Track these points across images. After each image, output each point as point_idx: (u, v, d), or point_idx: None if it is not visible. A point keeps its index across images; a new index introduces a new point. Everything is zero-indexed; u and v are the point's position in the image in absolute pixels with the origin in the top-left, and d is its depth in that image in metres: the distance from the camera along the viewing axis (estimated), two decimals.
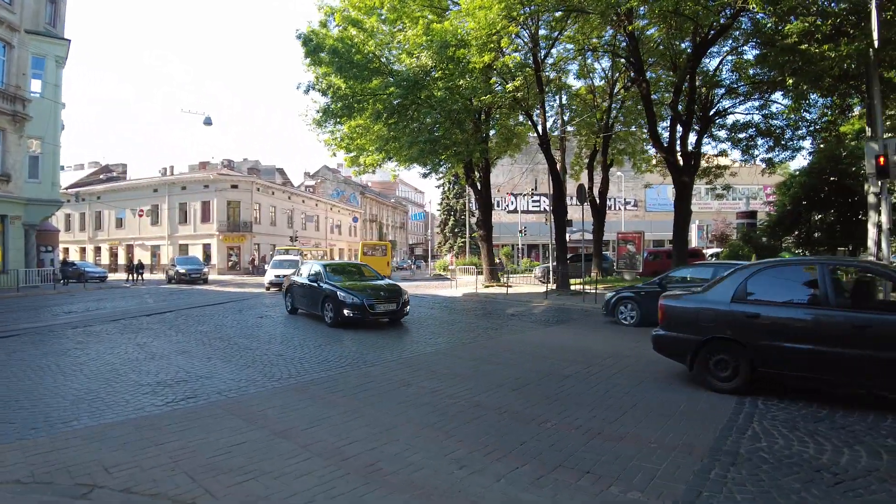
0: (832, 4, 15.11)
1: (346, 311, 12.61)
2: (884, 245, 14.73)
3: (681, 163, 19.83)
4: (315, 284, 13.83)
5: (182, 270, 33.40)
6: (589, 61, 24.54)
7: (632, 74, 19.07)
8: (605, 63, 24.61)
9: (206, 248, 51.01)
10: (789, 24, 14.54)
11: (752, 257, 24.11)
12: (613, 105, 24.37)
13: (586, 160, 28.90)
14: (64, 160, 41.02)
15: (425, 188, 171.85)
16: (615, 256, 36.99)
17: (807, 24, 14.09)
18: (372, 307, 12.75)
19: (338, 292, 12.94)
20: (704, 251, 36.82)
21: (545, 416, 5.78)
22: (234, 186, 52.08)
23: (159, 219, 53.62)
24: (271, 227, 55.50)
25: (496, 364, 8.73)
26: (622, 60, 22.48)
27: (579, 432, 5.26)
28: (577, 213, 29.94)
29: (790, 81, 15.67)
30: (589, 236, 29.11)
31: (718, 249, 41.26)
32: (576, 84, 27.62)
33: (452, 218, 64.69)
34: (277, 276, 25.29)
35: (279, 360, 8.89)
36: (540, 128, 21.95)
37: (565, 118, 25.76)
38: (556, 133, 25.42)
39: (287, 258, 30.33)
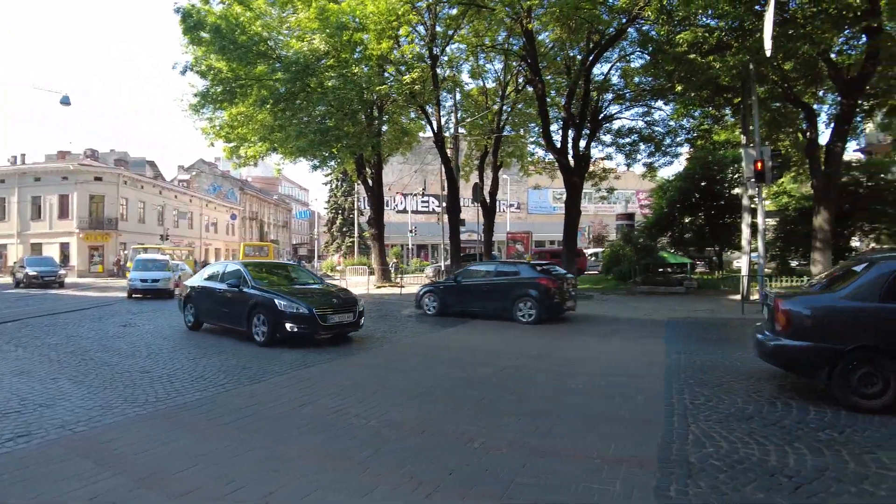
0: (714, 21, 15.86)
1: (288, 325, 9.75)
2: (759, 245, 15.64)
3: (572, 164, 20.10)
4: (235, 290, 10.74)
5: (32, 272, 28.89)
6: (481, 62, 24.44)
7: (527, 75, 19.06)
8: (498, 65, 24.66)
9: (65, 247, 45.43)
10: (679, 34, 15.08)
11: (631, 256, 25.18)
12: (505, 107, 24.43)
13: (476, 161, 28.88)
14: None
15: (311, 185, 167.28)
16: (503, 256, 37.58)
17: (696, 35, 14.65)
18: (324, 318, 9.95)
19: (276, 300, 9.94)
20: (584, 251, 38.37)
21: (470, 432, 5.07)
22: (98, 179, 46.86)
23: (6, 214, 47.11)
24: (140, 224, 50.64)
25: (403, 372, 7.98)
26: (514, 63, 22.56)
27: (512, 450, 4.60)
28: (467, 213, 29.93)
29: (679, 88, 16.27)
30: (476, 236, 29.09)
31: (598, 249, 43.23)
32: (469, 84, 27.53)
33: (341, 216, 62.82)
34: (145, 282, 21.45)
35: (144, 378, 7.36)
36: (435, 124, 21.45)
37: (458, 117, 25.49)
38: (448, 133, 25.09)
39: (154, 258, 26.44)
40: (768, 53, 11.63)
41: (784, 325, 5.95)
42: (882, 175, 21.73)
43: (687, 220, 28.04)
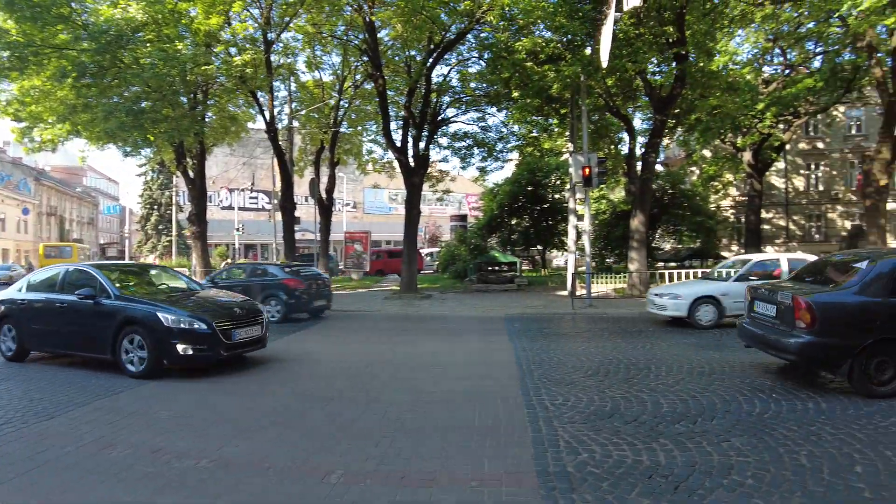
0: (550, 33, 16.71)
1: (181, 347, 7.39)
2: (586, 245, 16.74)
3: (412, 164, 20.01)
4: (88, 303, 7.90)
5: None
6: (319, 54, 23.42)
7: (368, 70, 18.56)
8: (336, 58, 23.78)
9: None
10: (519, 42, 15.65)
11: (465, 256, 25.91)
12: (342, 102, 23.69)
13: (312, 157, 27.71)
14: None
15: (122, 177, 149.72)
16: (339, 257, 36.65)
17: (535, 44, 15.32)
18: (227, 335, 7.75)
19: (159, 313, 7.53)
20: (420, 251, 38.88)
21: (324, 463, 4.37)
22: None
23: None
24: None
25: (231, 394, 6.81)
26: (353, 60, 21.92)
27: (379, 480, 4.02)
28: (302, 211, 28.61)
29: (516, 94, 16.87)
30: (310, 235, 27.93)
31: (433, 249, 44.09)
32: (305, 75, 26.24)
33: (156, 213, 56.84)
34: None
35: None
36: (267, 114, 20.04)
37: (293, 108, 24.18)
38: (281, 125, 23.72)
39: None
40: (605, 65, 12.47)
41: (809, 323, 6.01)
42: (680, 185, 24.76)
43: (514, 222, 29.64)
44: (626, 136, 28.54)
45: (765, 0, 18.51)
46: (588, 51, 15.69)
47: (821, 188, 37.35)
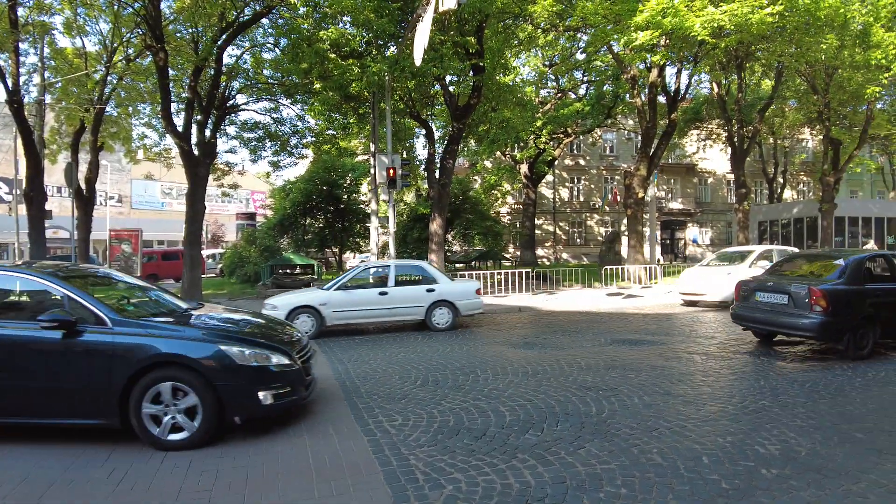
0: (353, 29, 16.14)
1: (263, 395, 5.02)
2: (391, 247, 16.50)
3: (196, 153, 17.87)
4: (56, 338, 4.78)
5: None
6: (83, 17, 19.75)
7: (147, 41, 15.98)
8: (105, 25, 20.24)
9: None
10: (324, 30, 14.81)
11: (256, 258, 24.14)
12: (111, 77, 20.31)
13: (68, 139, 23.34)
14: None
15: None
16: (102, 258, 31.71)
17: (340, 35, 14.62)
18: (308, 369, 5.70)
19: (220, 346, 5.00)
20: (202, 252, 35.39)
21: None
22: None
23: None
24: None
25: None
26: (125, 31, 18.93)
27: None
28: (54, 205, 24.07)
29: (318, 86, 15.97)
30: (65, 234, 23.63)
31: (216, 251, 40.48)
32: (65, 40, 21.98)
33: None
34: None
35: None
36: (10, 81, 16.24)
37: (46, 78, 20.06)
38: (28, 97, 19.55)
39: None
40: (418, 63, 12.28)
41: (825, 307, 7.69)
42: (468, 191, 26.04)
43: (308, 222, 28.50)
44: (416, 141, 29.40)
45: (551, 26, 20.17)
46: (393, 50, 15.50)
47: (582, 199, 42.48)
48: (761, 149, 35.04)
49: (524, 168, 31.88)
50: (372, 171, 17.46)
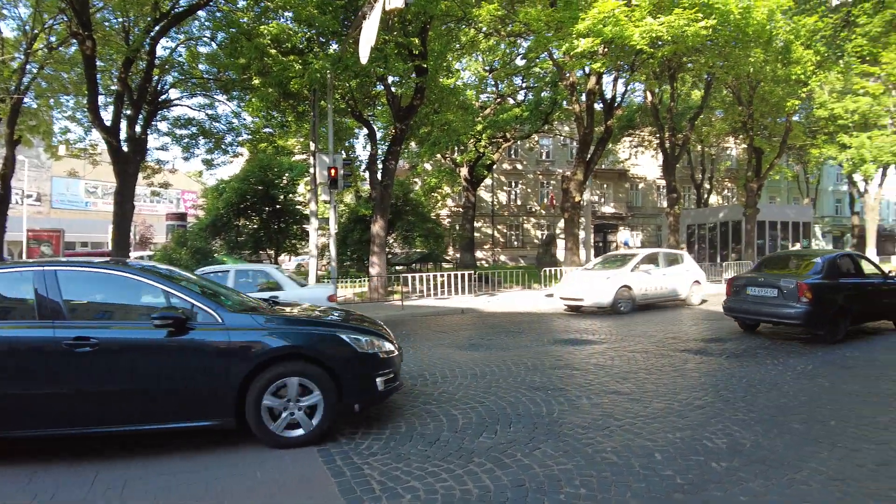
0: (294, 24, 15.74)
1: (379, 381, 5.06)
2: (332, 249, 16.17)
3: (125, 149, 16.99)
4: (161, 336, 4.50)
5: None
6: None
7: (72, 28, 15.00)
8: (24, 10, 18.91)
9: None
10: (265, 24, 14.38)
11: (187, 261, 23.18)
12: (30, 66, 18.99)
13: None
14: None
15: None
16: (20, 259, 29.59)
17: (282, 30, 14.23)
18: (401, 356, 5.77)
19: (339, 334, 4.99)
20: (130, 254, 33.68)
21: None
22: None
23: None
24: None
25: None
26: (48, 17, 17.79)
27: None
28: None
29: (257, 82, 15.48)
30: None
31: (144, 252, 38.62)
32: None
33: None
34: None
35: None
36: None
37: None
38: None
39: None
40: (364, 61, 12.06)
41: (811, 298, 8.94)
42: (409, 193, 25.95)
43: (242, 223, 27.56)
44: (356, 141, 29.05)
45: (493, 31, 20.37)
46: (336, 48, 15.22)
47: (519, 203, 43.14)
48: (690, 156, 36.62)
49: (464, 171, 32.08)
50: (312, 170, 17.10)
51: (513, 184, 43.41)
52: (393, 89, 17.76)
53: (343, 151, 23.23)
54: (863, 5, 10.22)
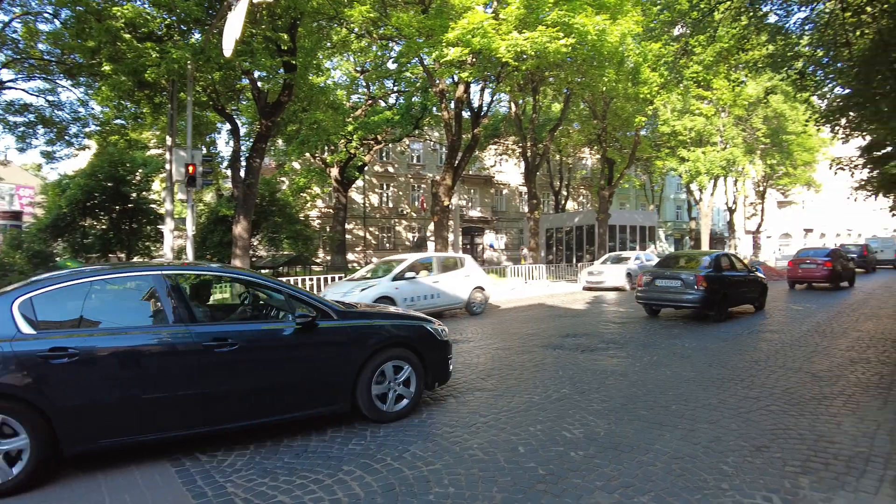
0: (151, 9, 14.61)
1: (450, 363, 6.08)
2: (189, 251, 15.20)
3: None
4: (293, 331, 4.98)
5: None
6: None
7: None
8: None
9: None
10: (118, 5, 13.18)
11: (23, 266, 20.68)
12: None
13: None
14: None
15: None
16: None
17: (138, 13, 13.14)
18: None
19: (424, 325, 5.93)
20: None
21: None
22: None
23: None
24: None
25: None
26: None
27: None
28: None
29: (108, 68, 14.14)
30: None
31: None
32: None
33: None
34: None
35: None
36: None
37: None
38: None
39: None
40: (228, 54, 11.40)
41: (706, 286, 11.75)
42: (276, 193, 25.09)
43: (89, 223, 25.06)
44: (219, 136, 27.58)
45: (365, 33, 20.28)
46: (198, 37, 14.35)
47: (391, 205, 43.30)
48: (549, 164, 38.93)
49: (335, 172, 31.63)
50: (168, 166, 15.91)
51: (384, 186, 43.46)
52: (259, 84, 17.04)
53: (203, 147, 21.91)
54: (699, 37, 11.63)
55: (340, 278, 17.40)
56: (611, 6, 16.30)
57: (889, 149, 12.08)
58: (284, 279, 17.43)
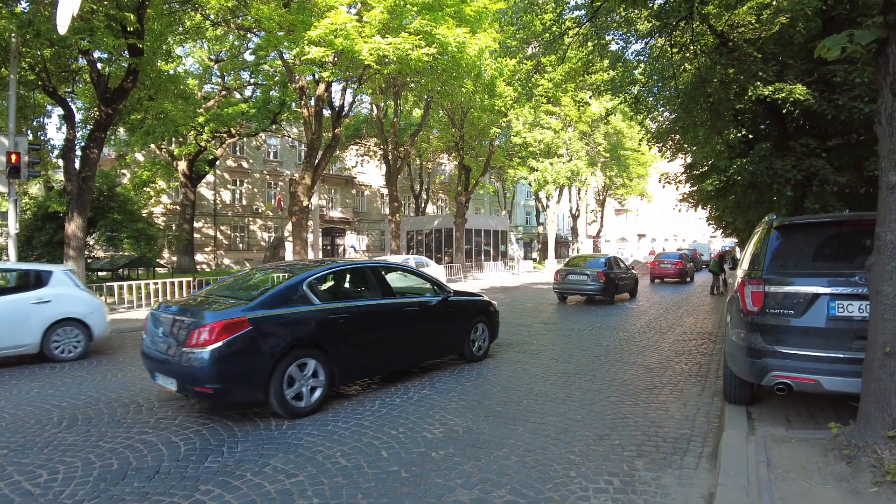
0: None
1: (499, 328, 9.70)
2: (10, 251, 13.41)
3: None
4: (434, 303, 7.89)
5: None
6: None
7: None
8: None
9: None
10: None
11: None
12: None
13: None
14: None
15: None
16: None
17: None
18: None
19: (485, 297, 10.16)
20: None
21: None
22: None
23: None
24: None
25: None
26: None
27: None
28: None
29: None
30: None
31: None
32: None
33: None
34: None
35: None
36: None
37: None
38: None
39: None
40: (63, 31, 10.08)
41: (604, 280, 16.13)
42: (115, 187, 22.86)
43: None
44: (48, 122, 24.59)
45: (222, 21, 19.18)
46: (26, 6, 12.71)
47: (245, 203, 41.27)
48: (410, 168, 39.48)
49: (182, 166, 29.53)
50: None
51: (238, 182, 41.27)
52: (100, 67, 15.45)
53: (30, 133, 19.41)
54: (550, 57, 12.60)
55: (187, 283, 16.31)
56: (471, 21, 16.92)
57: (705, 169, 13.80)
58: (126, 283, 15.92)
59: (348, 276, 7.70)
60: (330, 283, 7.34)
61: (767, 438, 4.56)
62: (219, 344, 5.24)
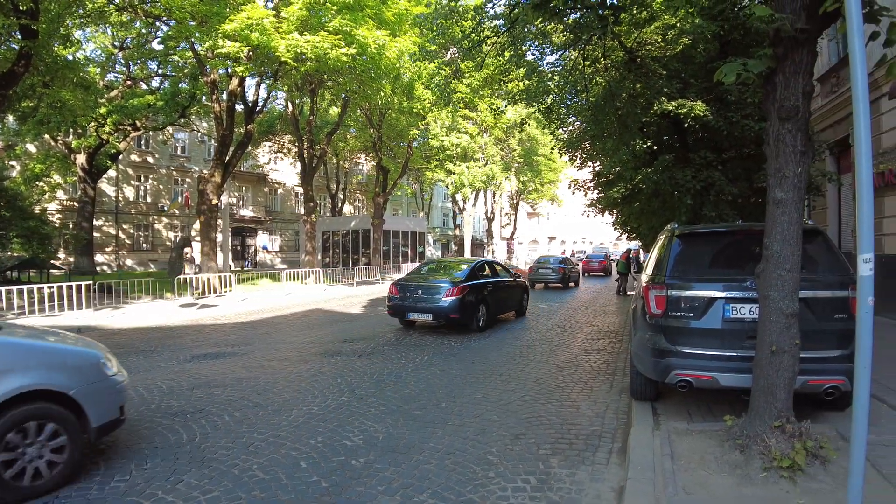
0: None
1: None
2: None
3: None
4: (511, 281, 14.61)
5: None
6: None
7: None
8: None
9: None
10: None
11: None
12: None
13: None
14: None
15: None
16: None
17: None
18: None
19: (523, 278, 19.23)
20: None
21: None
22: None
23: None
24: None
25: None
26: None
27: None
28: None
29: None
30: None
31: None
32: None
33: None
34: None
35: None
36: None
37: None
38: None
39: None
40: None
41: (561, 273, 25.40)
42: (3, 180, 21.01)
43: None
44: None
45: (128, 6, 18.06)
46: None
47: (149, 200, 39.06)
48: (326, 167, 38.79)
49: (81, 159, 27.54)
50: None
51: (142, 178, 38.94)
52: None
53: None
54: (468, 62, 12.87)
55: (86, 286, 15.23)
56: (391, 23, 16.87)
57: (612, 177, 14.48)
58: (16, 287, 14.55)
59: (485, 266, 13.31)
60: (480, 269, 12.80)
61: (671, 432, 4.89)
62: (460, 296, 11.34)
